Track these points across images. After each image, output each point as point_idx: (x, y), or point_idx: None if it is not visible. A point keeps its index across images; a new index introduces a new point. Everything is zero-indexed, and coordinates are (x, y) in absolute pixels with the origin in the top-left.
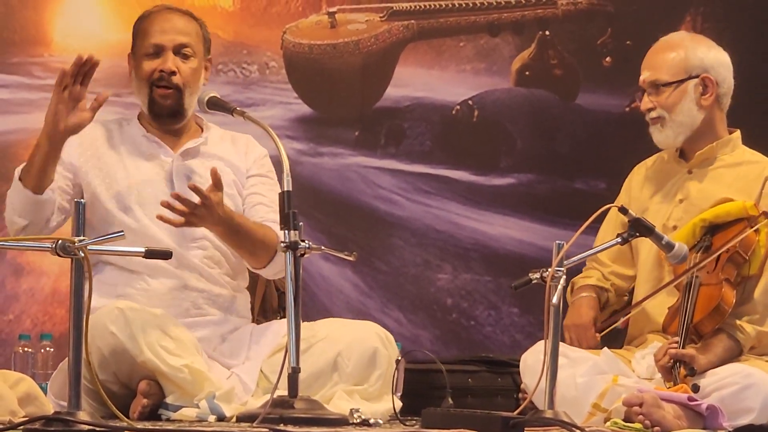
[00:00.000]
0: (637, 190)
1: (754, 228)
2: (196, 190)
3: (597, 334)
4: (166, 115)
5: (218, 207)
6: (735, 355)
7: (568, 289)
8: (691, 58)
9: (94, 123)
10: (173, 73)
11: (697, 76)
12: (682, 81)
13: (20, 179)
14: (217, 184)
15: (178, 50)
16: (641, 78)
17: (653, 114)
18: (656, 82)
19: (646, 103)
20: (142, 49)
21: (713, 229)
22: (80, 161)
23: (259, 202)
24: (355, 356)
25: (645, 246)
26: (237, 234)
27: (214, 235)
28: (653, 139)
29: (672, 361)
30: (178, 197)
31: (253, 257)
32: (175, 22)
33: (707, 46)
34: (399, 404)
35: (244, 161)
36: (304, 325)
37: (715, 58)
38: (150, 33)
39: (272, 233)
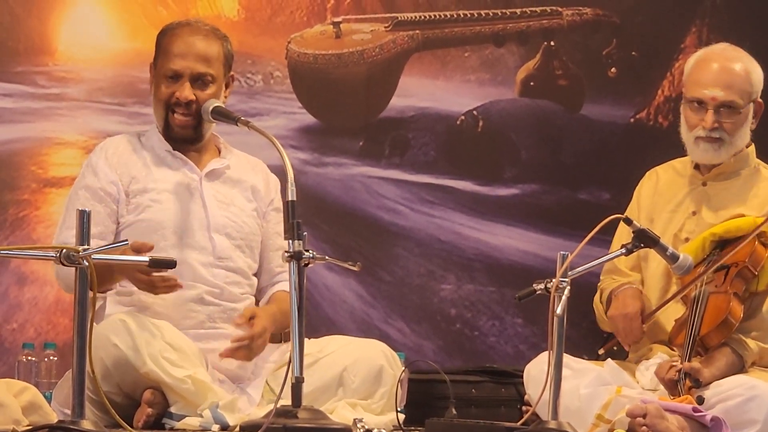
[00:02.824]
0: (646, 198)
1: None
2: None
3: (643, 326)
4: (181, 140)
5: (266, 333)
6: (737, 370)
7: (597, 296)
8: (755, 81)
9: (117, 139)
10: (190, 101)
11: (754, 100)
12: (745, 105)
13: None
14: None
15: (196, 79)
16: (709, 94)
17: (715, 134)
18: (732, 104)
19: (711, 121)
20: (162, 70)
21: (723, 243)
22: (117, 185)
23: (280, 247)
24: (361, 373)
25: (652, 256)
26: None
27: None
28: (699, 155)
29: (678, 374)
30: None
31: None
32: (196, 46)
33: (756, 64)
34: (402, 418)
35: (267, 190)
36: (310, 341)
37: (761, 79)
38: (170, 55)
39: None
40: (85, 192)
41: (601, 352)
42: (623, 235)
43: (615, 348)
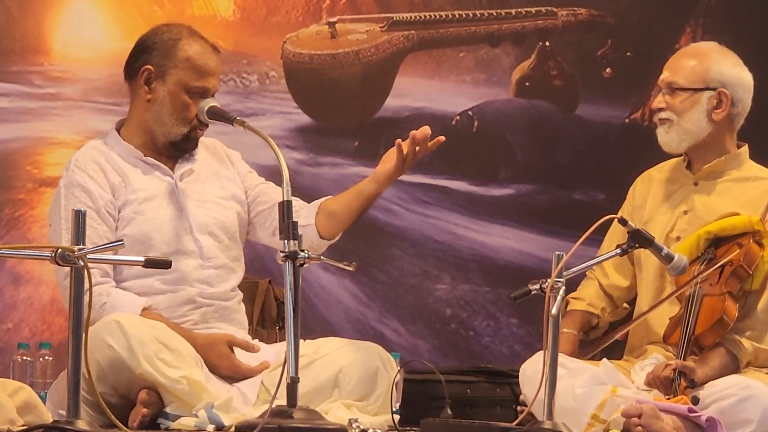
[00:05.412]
0: (640, 199)
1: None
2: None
3: None
4: (189, 149)
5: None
6: (731, 370)
7: (563, 304)
8: (713, 70)
9: (89, 153)
10: None
11: (714, 89)
12: (697, 90)
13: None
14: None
15: (213, 94)
16: (660, 77)
17: (662, 115)
18: (672, 84)
19: (658, 102)
20: (189, 84)
21: (717, 241)
22: (114, 203)
23: (272, 185)
24: (356, 375)
25: (647, 256)
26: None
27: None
28: (658, 139)
29: (674, 372)
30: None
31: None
32: (216, 62)
33: (732, 63)
34: (397, 418)
35: (231, 168)
36: (306, 342)
37: (737, 76)
38: (200, 72)
39: None
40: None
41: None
42: (614, 236)
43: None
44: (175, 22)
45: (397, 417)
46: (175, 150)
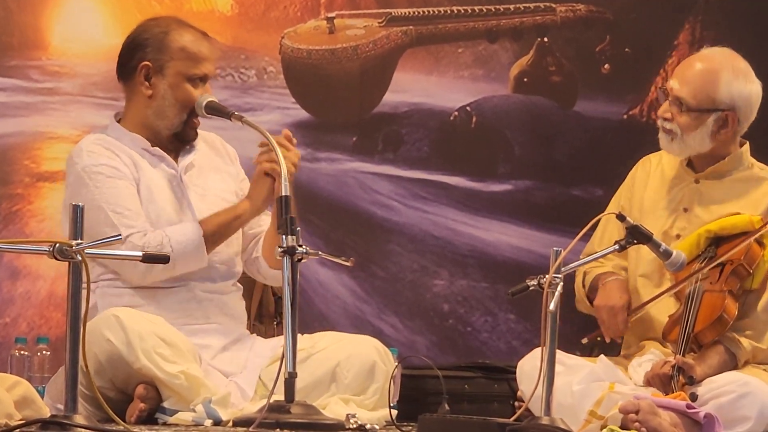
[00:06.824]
0: (640, 185)
1: (756, 237)
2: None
3: (628, 318)
4: (190, 139)
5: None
6: (729, 368)
7: (579, 278)
8: (723, 91)
9: (97, 139)
10: None
11: (722, 110)
12: (705, 111)
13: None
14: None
15: (209, 78)
16: (669, 83)
17: (667, 125)
18: (681, 100)
19: (665, 111)
20: (188, 72)
21: (718, 240)
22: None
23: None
24: (353, 368)
25: (646, 249)
26: None
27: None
28: (660, 143)
29: (673, 369)
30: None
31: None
32: (209, 46)
33: (744, 80)
34: (395, 413)
35: (232, 165)
36: (303, 336)
37: (747, 97)
38: (198, 59)
39: None
40: (116, 182)
41: (585, 341)
42: (607, 227)
43: (599, 338)
44: (161, 16)
45: (394, 412)
46: (177, 142)
